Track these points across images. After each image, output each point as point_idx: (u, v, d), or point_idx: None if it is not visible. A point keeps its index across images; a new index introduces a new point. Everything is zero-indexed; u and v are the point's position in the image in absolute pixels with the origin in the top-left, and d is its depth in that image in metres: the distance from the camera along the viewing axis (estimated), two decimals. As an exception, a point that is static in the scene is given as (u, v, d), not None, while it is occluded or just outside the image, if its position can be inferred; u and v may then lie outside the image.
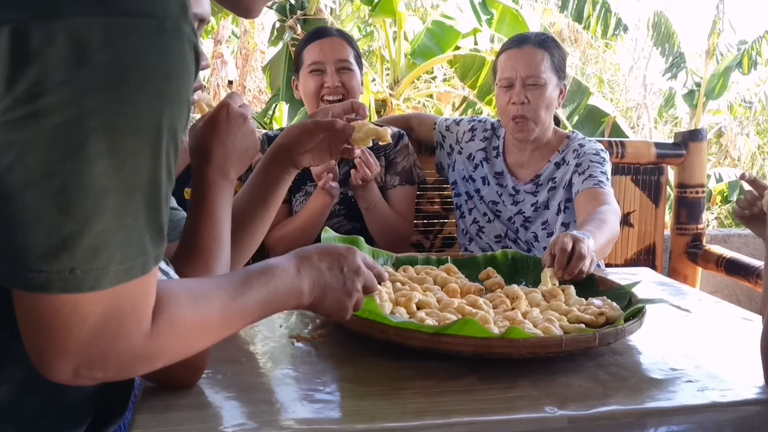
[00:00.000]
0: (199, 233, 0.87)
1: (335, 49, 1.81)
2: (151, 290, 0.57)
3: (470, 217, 1.91)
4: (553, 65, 1.74)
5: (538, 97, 1.72)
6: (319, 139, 1.02)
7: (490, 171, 1.88)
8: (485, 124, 1.96)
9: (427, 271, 1.27)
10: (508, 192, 1.85)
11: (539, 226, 1.80)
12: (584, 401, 0.83)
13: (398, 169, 1.92)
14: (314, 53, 1.81)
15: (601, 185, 1.69)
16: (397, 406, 0.80)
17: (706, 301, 1.35)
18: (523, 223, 1.82)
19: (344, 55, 1.81)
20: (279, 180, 1.02)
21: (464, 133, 1.96)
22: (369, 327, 0.95)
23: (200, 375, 0.84)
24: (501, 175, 1.86)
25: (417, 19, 6.82)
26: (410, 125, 2.10)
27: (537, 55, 1.73)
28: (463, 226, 1.93)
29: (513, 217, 1.83)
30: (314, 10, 5.84)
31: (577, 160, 1.76)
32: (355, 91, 1.82)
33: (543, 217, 1.80)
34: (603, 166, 1.74)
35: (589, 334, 0.93)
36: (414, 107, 6.67)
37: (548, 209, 1.80)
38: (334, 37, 1.84)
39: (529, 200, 1.82)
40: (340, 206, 1.87)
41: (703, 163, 2.35)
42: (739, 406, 0.86)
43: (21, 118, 0.49)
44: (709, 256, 2.26)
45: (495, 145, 1.90)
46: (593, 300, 1.14)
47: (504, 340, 0.89)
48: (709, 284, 2.65)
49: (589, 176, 1.72)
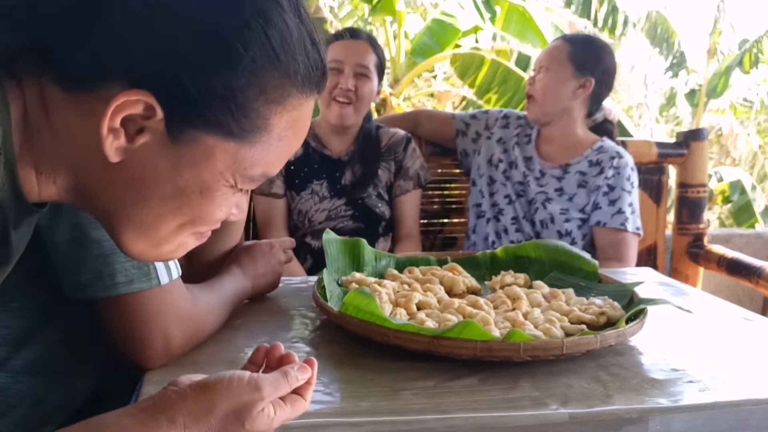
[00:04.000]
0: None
1: (359, 52, 1.80)
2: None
3: (491, 199, 1.98)
4: (571, 57, 1.88)
5: (543, 78, 1.89)
6: None
7: (520, 155, 1.99)
8: (517, 113, 2.11)
9: (433, 272, 1.26)
10: (535, 175, 1.95)
11: (558, 210, 1.88)
12: (585, 401, 0.83)
13: (410, 174, 1.93)
14: (337, 51, 1.81)
15: (625, 226, 1.83)
16: (398, 407, 0.80)
17: (708, 301, 1.34)
18: (543, 202, 1.91)
19: (365, 61, 1.80)
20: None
21: (497, 119, 2.09)
22: (368, 330, 0.94)
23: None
24: (530, 160, 1.97)
25: (417, 17, 6.81)
26: (419, 120, 2.17)
27: (558, 46, 1.94)
28: (478, 211, 1.99)
29: (534, 197, 1.92)
30: (314, 8, 5.83)
31: (612, 179, 1.85)
32: (365, 99, 1.81)
33: (564, 204, 1.88)
34: (631, 194, 1.87)
35: (590, 337, 0.93)
36: (414, 106, 6.66)
37: (571, 202, 1.88)
38: (360, 40, 1.83)
39: (554, 184, 1.91)
40: (346, 207, 1.87)
41: (705, 163, 2.34)
42: (741, 407, 0.86)
43: None
44: (711, 256, 2.25)
45: (527, 133, 2.02)
46: (594, 299, 1.14)
47: (505, 344, 0.89)
48: (710, 284, 2.65)
49: (618, 211, 1.84)
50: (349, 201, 1.87)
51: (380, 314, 0.93)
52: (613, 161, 1.86)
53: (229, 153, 0.59)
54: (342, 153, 1.89)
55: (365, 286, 1.11)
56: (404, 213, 1.92)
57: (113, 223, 0.63)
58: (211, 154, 0.59)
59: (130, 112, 0.55)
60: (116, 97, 0.55)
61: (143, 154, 0.58)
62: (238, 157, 0.60)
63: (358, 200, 1.87)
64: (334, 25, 6.02)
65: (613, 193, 1.85)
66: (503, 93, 4.93)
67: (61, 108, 0.57)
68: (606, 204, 1.84)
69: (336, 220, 1.86)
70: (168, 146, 0.58)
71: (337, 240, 1.29)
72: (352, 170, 1.88)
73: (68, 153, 0.59)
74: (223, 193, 0.62)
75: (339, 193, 1.87)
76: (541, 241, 1.39)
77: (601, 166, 1.87)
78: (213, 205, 0.62)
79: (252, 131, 0.59)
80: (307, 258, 1.87)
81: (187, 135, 0.58)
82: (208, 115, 0.57)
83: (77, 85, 0.56)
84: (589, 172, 1.88)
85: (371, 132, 1.92)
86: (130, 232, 0.63)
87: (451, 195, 2.23)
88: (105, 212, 0.62)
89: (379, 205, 1.89)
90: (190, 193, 0.60)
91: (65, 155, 0.59)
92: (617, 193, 1.84)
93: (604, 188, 1.85)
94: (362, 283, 1.16)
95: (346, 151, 1.90)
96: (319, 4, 5.96)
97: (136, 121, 0.56)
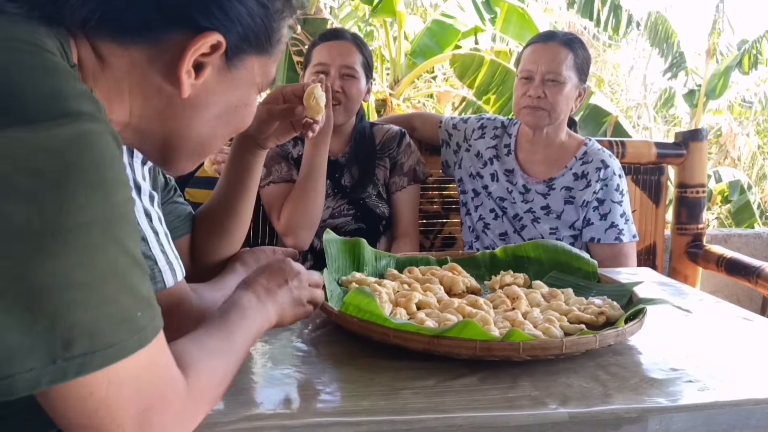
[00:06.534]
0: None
1: (343, 53, 1.79)
2: (164, 353, 0.57)
3: (476, 214, 1.91)
4: (576, 65, 1.74)
5: (556, 93, 1.73)
6: (276, 123, 1.08)
7: (500, 168, 1.88)
8: (495, 122, 1.96)
9: (433, 271, 1.27)
10: (518, 189, 1.84)
11: (547, 230, 1.80)
12: (585, 401, 0.83)
13: (405, 170, 1.92)
14: (322, 54, 1.80)
15: (620, 239, 1.76)
16: (398, 406, 0.80)
17: (707, 301, 1.34)
18: (532, 221, 1.82)
19: (350, 62, 1.79)
20: (250, 164, 1.11)
21: (473, 130, 1.96)
22: (368, 329, 0.95)
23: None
24: (512, 173, 1.86)
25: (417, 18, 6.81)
26: (413, 124, 2.10)
27: (561, 53, 1.73)
28: (469, 224, 1.94)
29: (522, 215, 1.83)
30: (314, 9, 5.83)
31: (600, 192, 1.76)
32: (354, 98, 1.81)
33: (552, 223, 1.80)
34: (622, 204, 1.78)
35: (589, 337, 0.93)
36: (414, 107, 6.67)
37: (560, 220, 1.80)
38: (345, 41, 1.82)
39: (539, 201, 1.82)
40: (348, 206, 1.87)
41: (704, 163, 2.35)
42: (740, 406, 0.86)
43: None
44: (710, 256, 2.26)
45: (506, 143, 1.90)
46: (593, 299, 1.14)
47: (504, 343, 0.89)
48: (709, 284, 2.65)
49: (611, 225, 1.76)
50: (350, 201, 1.87)
51: (380, 314, 0.94)
52: (599, 173, 1.76)
53: (263, 66, 0.74)
54: (339, 154, 1.89)
55: (365, 285, 1.11)
56: (400, 209, 1.91)
57: (174, 147, 0.72)
58: (252, 71, 0.72)
59: (201, 52, 0.65)
60: (193, 43, 0.64)
61: (205, 84, 0.68)
62: (266, 68, 0.75)
63: (358, 201, 1.87)
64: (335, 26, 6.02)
65: (603, 207, 1.76)
66: (502, 93, 4.94)
67: (116, 58, 0.65)
68: (597, 219, 1.76)
69: (338, 219, 1.86)
70: (225, 73, 0.69)
71: (337, 240, 1.29)
72: (350, 172, 1.88)
73: (125, 97, 0.66)
74: (255, 99, 0.76)
75: (341, 193, 1.88)
76: (541, 241, 1.39)
77: (587, 179, 1.77)
78: (250, 111, 0.76)
79: (275, 45, 0.74)
80: (307, 257, 1.87)
81: (240, 60, 0.70)
82: (255, 41, 0.70)
83: (137, 39, 0.64)
84: (575, 187, 1.78)
85: (365, 131, 1.92)
86: (187, 151, 0.73)
87: (451, 195, 2.22)
88: (165, 140, 0.71)
89: (379, 205, 1.89)
90: (238, 107, 0.73)
91: (121, 99, 0.66)
92: (607, 207, 1.76)
93: (593, 203, 1.76)
94: (362, 282, 1.16)
95: (343, 153, 1.90)
96: (319, 5, 5.95)
97: (202, 59, 0.66)
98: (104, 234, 0.51)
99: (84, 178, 0.50)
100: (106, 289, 0.51)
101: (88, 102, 0.53)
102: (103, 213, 0.51)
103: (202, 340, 0.69)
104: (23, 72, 0.52)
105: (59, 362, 0.49)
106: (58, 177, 0.48)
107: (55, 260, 0.48)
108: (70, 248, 0.49)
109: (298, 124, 1.09)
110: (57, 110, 0.50)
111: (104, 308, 0.50)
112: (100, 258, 0.50)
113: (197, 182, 1.79)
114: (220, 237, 1.11)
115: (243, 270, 1.09)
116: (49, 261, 0.48)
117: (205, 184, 1.74)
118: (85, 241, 0.49)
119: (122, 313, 0.52)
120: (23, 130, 0.48)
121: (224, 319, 0.75)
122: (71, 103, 0.52)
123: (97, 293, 0.50)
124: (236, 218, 1.11)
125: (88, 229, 0.50)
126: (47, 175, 0.48)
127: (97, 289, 0.50)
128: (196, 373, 0.62)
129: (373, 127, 1.95)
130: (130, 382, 0.53)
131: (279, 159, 1.83)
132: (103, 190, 0.51)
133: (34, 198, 0.48)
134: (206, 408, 0.65)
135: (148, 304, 0.55)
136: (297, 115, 1.06)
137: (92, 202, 0.50)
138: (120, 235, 0.52)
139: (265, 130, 1.08)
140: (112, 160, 0.52)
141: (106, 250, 0.51)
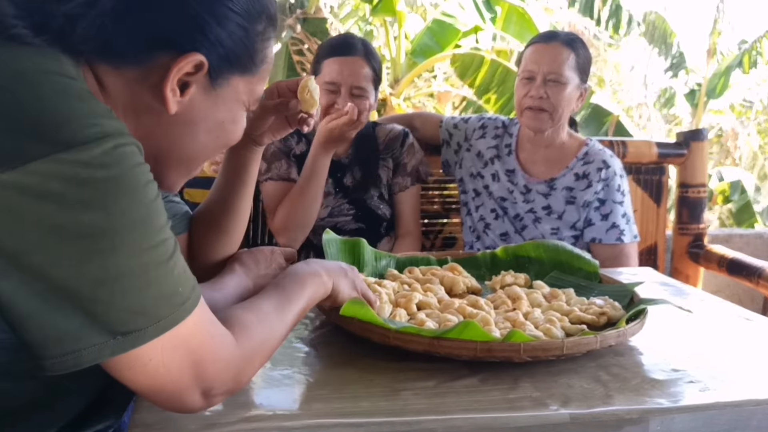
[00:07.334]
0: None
1: (354, 72, 1.75)
2: (206, 315, 0.67)
3: (477, 214, 1.90)
4: (578, 66, 1.73)
5: (557, 93, 1.72)
6: (271, 119, 1.08)
7: (501, 168, 1.87)
8: (496, 121, 1.95)
9: (433, 272, 1.26)
10: (520, 189, 1.84)
11: (548, 230, 1.79)
12: (586, 402, 0.83)
13: (408, 170, 1.91)
14: (332, 72, 1.76)
15: (621, 239, 1.76)
16: (398, 407, 0.80)
17: (708, 301, 1.34)
18: (533, 221, 1.81)
19: (360, 81, 1.75)
20: (247, 161, 1.11)
21: (474, 130, 1.95)
22: (368, 330, 0.94)
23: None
24: (513, 173, 1.86)
25: (417, 18, 6.81)
26: (413, 124, 2.09)
27: (563, 53, 1.72)
28: (470, 224, 1.93)
29: (523, 215, 1.83)
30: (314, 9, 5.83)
31: (602, 192, 1.76)
32: (364, 115, 1.80)
33: (554, 223, 1.80)
34: (623, 204, 1.77)
35: (590, 337, 0.93)
36: (414, 106, 6.66)
37: (561, 220, 1.79)
38: (356, 58, 1.77)
39: (540, 201, 1.81)
40: (349, 206, 1.86)
41: (705, 163, 2.34)
42: (741, 407, 0.86)
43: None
44: (711, 256, 2.25)
45: (507, 143, 1.89)
46: (595, 300, 1.14)
47: (505, 344, 0.89)
48: (710, 284, 2.65)
49: (612, 225, 1.75)
50: (351, 201, 1.87)
51: (378, 321, 0.93)
52: (600, 173, 1.76)
53: (248, 85, 0.78)
54: (342, 155, 1.89)
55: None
56: (403, 210, 1.91)
57: (164, 162, 0.76)
58: (237, 89, 0.77)
59: (184, 71, 0.70)
60: (176, 63, 0.69)
61: (191, 102, 0.73)
62: (251, 86, 0.79)
63: (360, 201, 1.87)
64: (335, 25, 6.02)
65: (604, 207, 1.76)
66: (502, 93, 4.94)
67: (112, 80, 0.70)
68: (599, 219, 1.76)
69: (338, 218, 1.86)
70: (209, 91, 0.74)
71: (337, 240, 1.29)
72: (352, 173, 1.88)
73: (119, 116, 0.70)
74: (242, 116, 0.80)
75: (342, 192, 1.87)
76: (542, 242, 1.39)
77: (588, 180, 1.77)
78: (238, 127, 0.80)
79: (258, 65, 0.78)
80: (310, 255, 1.87)
81: (224, 79, 0.74)
82: (237, 61, 0.75)
83: (128, 63, 0.69)
84: (576, 187, 1.78)
85: (368, 131, 1.91)
86: (177, 166, 0.79)
87: (451, 195, 2.22)
88: (156, 156, 0.74)
89: (381, 206, 1.89)
90: (225, 123, 0.78)
91: (119, 117, 0.69)
92: (609, 207, 1.76)
93: (594, 203, 1.76)
94: (362, 283, 1.16)
95: (346, 153, 1.89)
96: (319, 5, 5.95)
97: (186, 78, 0.71)
98: (143, 230, 0.60)
99: (122, 186, 0.59)
100: (149, 275, 0.60)
101: (113, 120, 0.62)
102: (140, 212, 0.60)
103: (256, 303, 0.79)
104: (61, 102, 0.60)
105: (119, 338, 0.59)
106: (102, 188, 0.58)
107: (105, 258, 0.57)
108: (116, 246, 0.58)
109: (294, 119, 1.08)
110: (93, 132, 0.58)
111: (149, 290, 0.60)
112: (142, 251, 0.60)
113: (196, 182, 1.78)
114: (219, 235, 1.11)
115: (242, 270, 1.08)
116: (101, 259, 0.57)
117: (203, 184, 1.74)
118: (128, 239, 0.59)
119: (165, 292, 0.61)
120: (69, 153, 0.57)
121: (279, 285, 0.85)
122: (101, 123, 0.60)
123: (142, 280, 0.59)
124: (234, 216, 1.11)
125: (131, 229, 0.59)
126: (91, 187, 0.57)
127: (142, 276, 0.59)
128: (244, 330, 0.72)
129: (376, 127, 1.95)
130: (180, 345, 0.63)
131: (280, 155, 1.82)
132: (138, 193, 0.60)
133: (83, 208, 0.57)
134: (259, 360, 0.75)
135: (185, 277, 0.64)
136: (291, 109, 1.05)
137: (131, 205, 0.59)
138: (155, 228, 0.61)
139: (259, 126, 1.07)
140: (140, 167, 0.62)
141: (146, 243, 0.60)
